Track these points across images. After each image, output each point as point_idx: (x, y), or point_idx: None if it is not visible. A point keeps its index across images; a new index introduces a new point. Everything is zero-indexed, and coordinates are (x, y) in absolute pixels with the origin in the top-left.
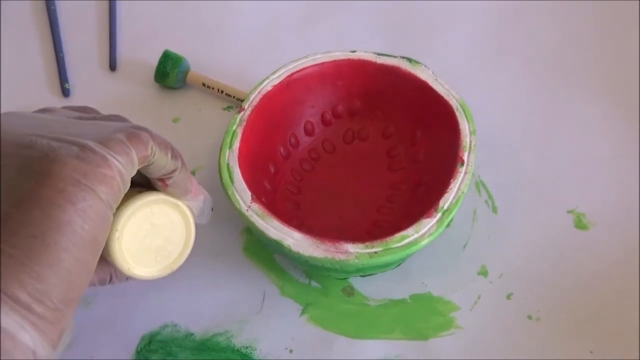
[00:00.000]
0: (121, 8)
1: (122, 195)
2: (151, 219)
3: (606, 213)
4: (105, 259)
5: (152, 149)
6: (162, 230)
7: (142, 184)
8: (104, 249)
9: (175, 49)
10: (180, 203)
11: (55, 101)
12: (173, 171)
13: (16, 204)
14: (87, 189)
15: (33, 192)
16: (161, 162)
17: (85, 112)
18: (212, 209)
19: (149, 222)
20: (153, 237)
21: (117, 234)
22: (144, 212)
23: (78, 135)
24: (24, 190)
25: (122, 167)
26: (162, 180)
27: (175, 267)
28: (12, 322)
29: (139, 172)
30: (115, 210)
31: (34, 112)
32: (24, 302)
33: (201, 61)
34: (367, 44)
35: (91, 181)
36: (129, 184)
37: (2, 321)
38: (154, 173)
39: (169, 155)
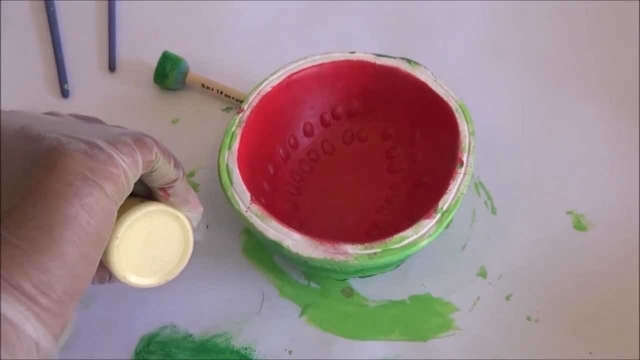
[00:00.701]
0: (120, 9)
1: (126, 196)
2: (151, 228)
3: (605, 214)
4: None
5: (156, 155)
6: (160, 240)
7: (144, 195)
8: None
9: (174, 50)
10: (180, 215)
11: (55, 102)
12: (174, 180)
13: (23, 196)
14: (94, 184)
15: (40, 185)
16: (164, 170)
17: (91, 122)
18: (207, 227)
19: (148, 231)
20: (151, 246)
21: (116, 242)
22: (145, 221)
23: (86, 134)
24: (32, 183)
25: (128, 167)
26: (163, 189)
27: (170, 277)
28: (17, 313)
29: (141, 182)
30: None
31: (42, 113)
32: (29, 293)
33: (201, 61)
34: (367, 44)
35: (98, 177)
36: (132, 187)
37: (7, 312)
38: (156, 181)
39: (172, 163)
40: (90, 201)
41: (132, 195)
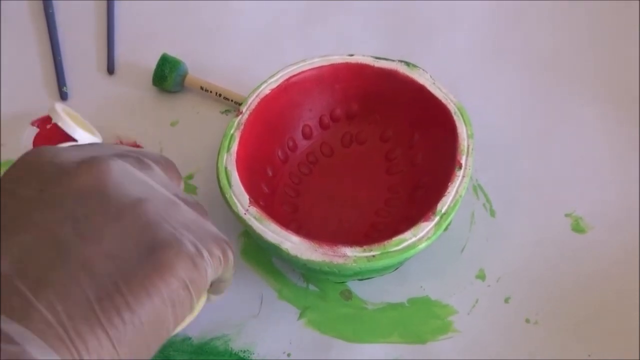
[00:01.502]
0: (119, 10)
1: None
2: None
3: (605, 215)
4: None
5: (231, 270)
6: None
7: None
8: None
9: (173, 51)
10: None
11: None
12: (225, 282)
13: (128, 282)
14: (189, 296)
15: (149, 279)
16: (225, 276)
17: (172, 176)
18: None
19: None
20: None
21: None
22: None
23: (189, 229)
24: (139, 270)
25: (210, 281)
26: None
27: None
28: None
29: None
30: None
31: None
32: None
33: (200, 62)
34: (367, 45)
35: (195, 290)
36: None
37: None
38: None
39: (232, 271)
40: (181, 312)
41: None
